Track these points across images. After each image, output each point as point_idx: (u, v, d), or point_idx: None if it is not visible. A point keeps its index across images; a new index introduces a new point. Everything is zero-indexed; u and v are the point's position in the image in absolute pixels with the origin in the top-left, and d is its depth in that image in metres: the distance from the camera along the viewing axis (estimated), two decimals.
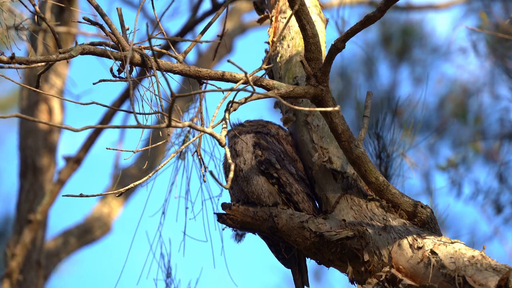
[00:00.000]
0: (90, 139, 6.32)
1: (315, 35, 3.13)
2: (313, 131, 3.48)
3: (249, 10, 8.58)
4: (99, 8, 3.11)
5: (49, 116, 6.51)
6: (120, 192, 3.03)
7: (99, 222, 7.42)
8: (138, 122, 2.68)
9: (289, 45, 3.70)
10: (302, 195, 3.39)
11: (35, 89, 3.04)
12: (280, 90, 3.15)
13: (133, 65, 3.13)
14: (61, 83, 6.66)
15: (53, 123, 6.32)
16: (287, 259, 3.49)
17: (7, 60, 2.88)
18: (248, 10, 8.57)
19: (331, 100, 3.20)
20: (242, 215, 3.38)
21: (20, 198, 6.38)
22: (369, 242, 3.17)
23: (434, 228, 3.19)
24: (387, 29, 8.10)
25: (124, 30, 3.14)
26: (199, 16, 6.22)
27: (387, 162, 4.52)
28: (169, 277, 4.07)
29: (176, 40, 3.41)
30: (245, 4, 8.47)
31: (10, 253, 6.08)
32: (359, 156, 3.18)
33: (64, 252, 7.06)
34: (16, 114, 2.64)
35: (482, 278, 2.92)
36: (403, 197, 3.23)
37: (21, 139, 6.52)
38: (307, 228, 3.27)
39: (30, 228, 6.13)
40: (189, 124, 2.74)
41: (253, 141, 3.46)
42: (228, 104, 3.03)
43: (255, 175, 3.39)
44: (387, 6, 3.01)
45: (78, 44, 3.02)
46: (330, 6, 6.98)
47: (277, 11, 3.80)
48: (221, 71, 3.14)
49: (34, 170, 6.42)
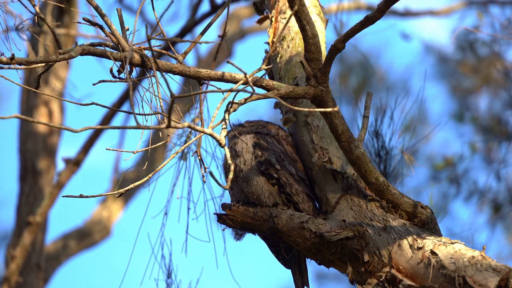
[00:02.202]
0: (89, 141, 6.32)
1: (315, 36, 3.13)
2: (313, 131, 3.48)
3: (248, 15, 8.59)
4: (98, 9, 3.11)
5: (49, 119, 6.51)
6: (120, 193, 3.03)
7: (99, 226, 7.42)
8: (138, 123, 2.68)
9: (289, 46, 3.71)
10: (302, 195, 3.39)
11: (35, 90, 3.04)
12: (280, 90, 3.15)
13: (133, 66, 3.13)
14: (61, 86, 6.66)
15: (53, 124, 6.31)
16: (287, 260, 3.48)
17: (7, 61, 2.88)
18: (247, 15, 8.59)
19: (331, 100, 3.20)
20: (242, 215, 3.38)
21: (20, 200, 6.37)
22: (369, 242, 3.17)
23: (434, 228, 3.19)
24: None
25: (124, 30, 3.14)
26: (198, 18, 6.23)
27: (386, 160, 4.52)
28: (169, 277, 4.07)
29: (176, 41, 3.41)
30: (245, 9, 8.49)
31: (10, 256, 6.08)
32: (359, 156, 3.18)
33: (64, 255, 7.06)
34: (15, 115, 2.65)
35: (482, 279, 2.92)
36: (403, 198, 3.23)
37: (21, 142, 6.52)
38: (307, 228, 3.27)
39: (29, 230, 6.12)
40: (188, 124, 2.74)
41: (253, 142, 3.46)
42: (228, 105, 3.03)
43: (255, 175, 3.39)
44: (387, 7, 3.01)
45: (78, 44, 3.01)
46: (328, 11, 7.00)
47: (277, 11, 3.80)
48: (220, 72, 3.14)
49: (34, 173, 6.42)
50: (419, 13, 8.46)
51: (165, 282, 4.07)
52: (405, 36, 7.37)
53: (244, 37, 8.56)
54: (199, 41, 3.24)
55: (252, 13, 8.26)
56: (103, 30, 3.11)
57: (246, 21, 8.64)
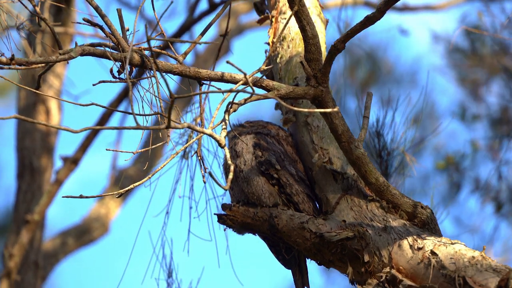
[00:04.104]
0: (87, 139, 6.30)
1: (315, 36, 3.13)
2: (313, 131, 3.48)
3: (246, 11, 8.57)
4: (98, 9, 3.11)
5: (47, 117, 6.49)
6: (120, 193, 3.03)
7: (97, 223, 7.41)
8: (137, 123, 2.67)
9: (289, 46, 3.70)
10: (302, 195, 3.39)
11: (35, 90, 3.04)
12: (280, 91, 3.15)
13: (132, 66, 3.12)
14: (59, 84, 6.65)
15: (52, 124, 6.30)
16: (287, 260, 3.49)
17: (6, 61, 2.87)
18: (245, 11, 8.57)
19: (331, 101, 3.20)
20: (242, 215, 3.38)
21: (18, 198, 6.36)
22: (369, 242, 3.17)
23: (434, 228, 3.20)
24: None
25: (124, 31, 3.13)
26: (196, 16, 6.22)
27: (387, 160, 4.53)
28: (170, 276, 4.07)
29: (176, 42, 3.41)
30: (242, 5, 8.47)
31: (8, 254, 6.07)
32: (359, 157, 3.18)
33: (62, 252, 7.05)
34: (14, 116, 2.64)
35: (482, 279, 2.92)
36: (403, 198, 3.23)
37: (19, 140, 6.51)
38: (307, 228, 3.27)
39: (27, 228, 6.12)
40: (188, 125, 2.73)
41: (253, 142, 3.46)
42: (228, 105, 3.02)
43: (256, 175, 3.39)
44: (387, 7, 3.01)
45: (77, 45, 3.01)
46: (333, 6, 7.00)
47: (277, 11, 3.80)
48: (220, 72, 3.14)
49: (32, 171, 6.41)
50: (417, 7, 8.44)
51: (166, 281, 4.07)
52: (403, 31, 7.37)
53: (242, 33, 8.55)
54: (199, 41, 3.23)
55: (250, 9, 8.24)
56: (103, 30, 3.10)
57: (244, 16, 8.63)
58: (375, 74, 8.16)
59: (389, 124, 4.54)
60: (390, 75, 8.28)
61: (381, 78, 8.20)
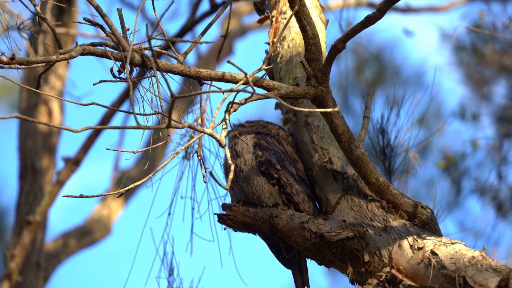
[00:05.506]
0: (89, 140, 6.31)
1: (315, 36, 3.13)
2: (314, 131, 3.48)
3: (248, 12, 8.58)
4: (99, 9, 3.11)
5: (49, 118, 6.50)
6: (121, 193, 3.03)
7: (99, 224, 7.41)
8: (138, 123, 2.68)
9: (289, 46, 3.71)
10: (302, 195, 3.39)
11: (35, 89, 3.04)
12: (280, 90, 3.15)
13: (133, 66, 3.13)
14: (61, 85, 6.66)
15: (53, 124, 6.31)
16: (288, 260, 3.49)
17: (7, 61, 2.88)
18: (248, 12, 8.58)
19: (331, 100, 3.20)
20: (243, 215, 3.38)
21: (20, 199, 6.37)
22: (370, 242, 3.17)
23: (435, 228, 3.19)
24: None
25: (124, 30, 3.13)
26: (198, 17, 6.23)
27: (390, 157, 4.52)
28: (171, 275, 4.08)
29: (177, 41, 3.41)
30: (245, 6, 8.48)
31: (10, 254, 6.08)
32: (359, 156, 3.18)
33: (64, 253, 7.05)
34: (15, 115, 2.64)
35: (483, 279, 2.92)
36: (404, 198, 3.23)
37: (21, 141, 6.51)
38: (307, 228, 3.27)
39: (29, 229, 6.12)
40: (188, 124, 2.73)
41: (254, 142, 3.46)
42: (228, 105, 3.03)
43: (256, 175, 3.40)
44: (387, 7, 3.01)
45: (78, 44, 3.01)
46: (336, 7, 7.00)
47: (278, 11, 3.80)
48: (221, 72, 3.14)
49: (34, 172, 6.41)
50: (420, 9, 8.44)
51: (167, 280, 4.07)
52: (408, 32, 7.36)
53: (244, 34, 8.55)
54: (199, 41, 3.24)
55: (252, 10, 8.25)
56: (104, 30, 3.11)
57: (247, 17, 8.64)
58: (382, 75, 8.17)
59: (394, 121, 4.54)
60: (396, 76, 8.28)
61: (388, 79, 8.20)
